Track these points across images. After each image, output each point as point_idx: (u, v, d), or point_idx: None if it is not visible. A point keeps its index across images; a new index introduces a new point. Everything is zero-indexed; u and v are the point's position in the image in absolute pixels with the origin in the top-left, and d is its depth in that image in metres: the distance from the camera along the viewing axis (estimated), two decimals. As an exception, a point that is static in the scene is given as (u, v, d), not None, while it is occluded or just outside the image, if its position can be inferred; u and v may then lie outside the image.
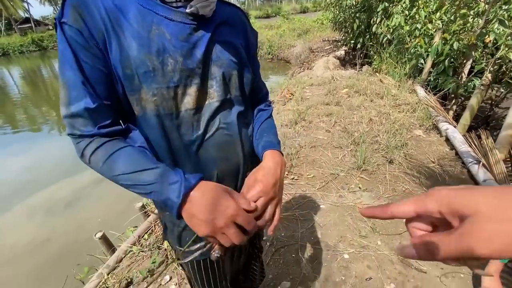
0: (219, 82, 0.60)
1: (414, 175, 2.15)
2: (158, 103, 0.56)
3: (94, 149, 0.54)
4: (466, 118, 2.64)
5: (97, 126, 0.54)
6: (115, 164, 0.53)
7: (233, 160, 0.65)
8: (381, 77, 4.23)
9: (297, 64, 7.20)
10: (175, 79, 0.55)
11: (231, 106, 0.64)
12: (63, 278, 1.96)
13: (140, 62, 0.52)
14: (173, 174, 0.51)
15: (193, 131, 0.59)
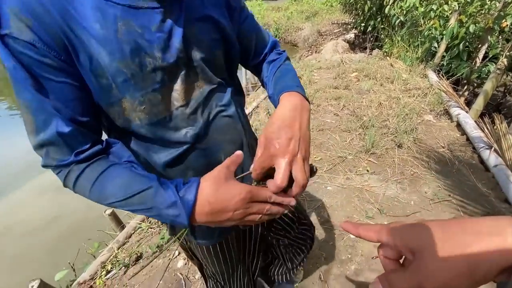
0: (205, 67, 0.54)
1: (423, 160, 2.13)
2: (148, 111, 0.50)
3: (75, 179, 0.47)
4: (479, 104, 2.58)
5: (74, 152, 0.46)
6: (103, 192, 0.46)
7: (237, 140, 0.63)
8: (392, 61, 4.12)
9: (304, 48, 7.04)
10: (158, 79, 0.49)
11: (222, 86, 0.60)
12: (75, 252, 2.02)
13: (115, 70, 0.45)
14: (166, 195, 0.44)
15: (192, 125, 0.55)
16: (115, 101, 0.49)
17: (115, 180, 0.46)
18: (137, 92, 0.48)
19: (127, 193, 0.45)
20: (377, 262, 1.42)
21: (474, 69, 3.27)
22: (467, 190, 1.80)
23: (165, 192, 0.44)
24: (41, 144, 0.46)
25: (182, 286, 1.50)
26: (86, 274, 1.76)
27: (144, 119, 0.52)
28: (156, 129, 0.53)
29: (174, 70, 0.51)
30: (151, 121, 0.52)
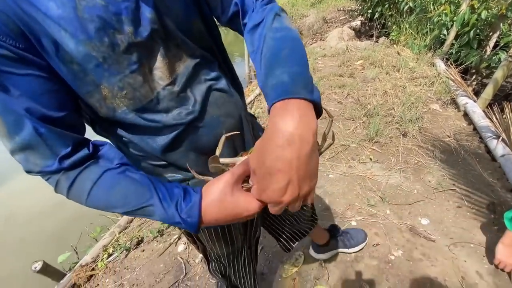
0: (185, 38, 0.48)
1: (428, 149, 2.09)
2: (130, 96, 0.45)
3: (67, 189, 0.44)
4: (488, 93, 2.50)
5: (58, 157, 0.42)
6: (101, 202, 0.44)
7: (234, 114, 0.60)
8: (399, 49, 4.00)
9: (309, 35, 6.87)
10: (134, 59, 0.43)
11: (208, 60, 0.54)
12: (77, 236, 2.05)
13: (84, 55, 0.40)
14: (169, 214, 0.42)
15: (184, 104, 0.51)
16: (93, 89, 0.43)
17: (112, 191, 0.43)
18: (113, 77, 0.43)
19: (127, 207, 0.43)
20: (378, 249, 1.41)
21: (484, 57, 3.17)
22: (472, 180, 1.77)
23: (167, 211, 0.42)
24: (17, 149, 0.40)
25: (182, 269, 1.51)
26: (88, 256, 1.78)
27: (129, 105, 0.47)
28: (145, 114, 0.49)
29: (150, 46, 0.45)
30: (136, 106, 0.47)
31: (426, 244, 1.41)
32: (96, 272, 1.70)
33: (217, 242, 0.75)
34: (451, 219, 1.54)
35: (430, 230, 1.48)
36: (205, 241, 0.76)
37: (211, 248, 0.79)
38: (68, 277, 1.69)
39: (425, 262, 1.33)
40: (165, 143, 0.53)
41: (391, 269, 1.32)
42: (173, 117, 0.51)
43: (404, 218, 1.57)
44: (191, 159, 0.57)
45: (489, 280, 1.24)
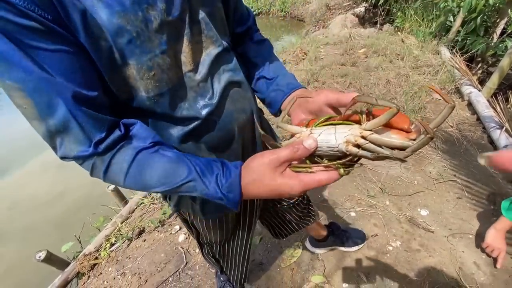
0: (208, 24, 0.48)
1: (430, 139, 2.06)
2: (158, 77, 0.44)
3: (104, 173, 0.43)
4: (493, 82, 2.45)
5: (93, 142, 0.40)
6: (140, 183, 0.44)
7: (247, 109, 0.59)
8: (403, 37, 3.91)
9: (312, 23, 6.72)
10: (165, 38, 0.42)
11: (227, 51, 0.54)
12: (80, 226, 2.08)
13: (117, 28, 0.37)
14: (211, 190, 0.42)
15: (202, 94, 0.50)
16: (118, 69, 0.41)
17: (148, 171, 0.43)
18: (144, 55, 0.41)
19: (167, 186, 0.43)
20: (376, 239, 1.42)
21: (490, 45, 3.09)
22: (474, 171, 1.75)
23: (208, 186, 0.42)
24: (52, 132, 0.38)
25: (183, 259, 1.54)
26: (91, 246, 1.82)
27: (153, 89, 0.45)
28: (165, 100, 0.47)
29: (179, 27, 0.44)
30: (161, 90, 0.45)
31: (425, 235, 1.41)
32: (99, 261, 1.73)
33: (212, 230, 0.77)
34: (451, 210, 1.53)
35: (429, 221, 1.48)
36: (200, 228, 0.77)
37: (204, 235, 0.81)
38: (72, 266, 1.72)
39: (423, 253, 1.33)
40: (179, 134, 0.52)
41: (389, 259, 1.33)
42: (192, 108, 0.50)
43: (404, 209, 1.57)
44: (202, 150, 0.56)
45: (486, 270, 1.24)
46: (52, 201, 2.80)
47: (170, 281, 1.45)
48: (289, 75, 0.61)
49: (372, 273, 1.28)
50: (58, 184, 3.02)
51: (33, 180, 3.15)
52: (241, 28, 0.64)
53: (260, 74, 0.63)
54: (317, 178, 0.39)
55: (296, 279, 1.30)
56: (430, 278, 1.23)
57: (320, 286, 1.25)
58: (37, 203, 2.82)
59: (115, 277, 1.57)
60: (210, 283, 1.39)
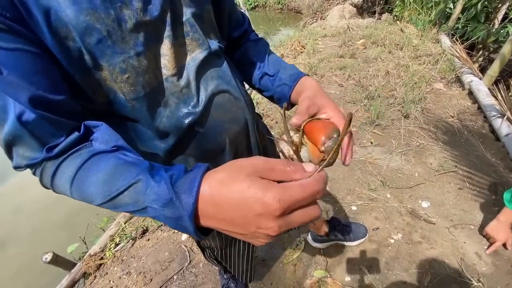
0: (194, 26, 0.45)
1: (431, 130, 2.05)
2: (133, 81, 0.41)
3: (51, 177, 0.38)
4: (495, 69, 2.42)
5: (46, 147, 0.36)
6: (84, 191, 0.36)
7: (240, 119, 0.55)
8: (402, 26, 3.85)
9: (309, 14, 6.63)
10: (141, 39, 0.39)
11: (217, 55, 0.51)
12: (84, 226, 2.10)
13: (85, 27, 0.34)
14: (159, 188, 0.31)
15: (185, 102, 0.46)
16: (91, 71, 0.38)
17: (97, 175, 0.35)
18: (116, 56, 0.38)
19: (112, 191, 0.33)
20: (377, 233, 1.42)
21: (491, 31, 3.04)
22: (475, 161, 1.74)
23: (158, 185, 0.31)
24: (7, 139, 0.35)
25: (187, 257, 1.56)
26: (96, 246, 1.84)
27: (129, 93, 0.42)
28: (142, 105, 0.44)
29: (159, 28, 0.41)
30: (137, 95, 0.42)
31: (426, 227, 1.42)
32: (104, 261, 1.76)
33: (210, 238, 0.76)
34: (452, 201, 1.53)
35: (430, 213, 1.48)
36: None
37: (204, 241, 0.80)
38: (78, 266, 1.75)
39: (425, 245, 1.34)
40: (165, 147, 0.49)
41: (390, 252, 1.33)
42: (172, 115, 0.46)
43: (405, 201, 1.57)
44: (190, 164, 0.53)
45: (488, 260, 1.25)
46: (54, 204, 2.83)
47: (174, 279, 1.47)
48: (289, 67, 0.60)
49: (374, 266, 1.29)
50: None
51: (34, 184, 3.16)
52: (237, 32, 0.63)
53: (262, 71, 0.61)
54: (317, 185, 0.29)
55: (299, 275, 1.31)
56: (432, 269, 1.24)
57: (322, 281, 1.26)
58: (40, 206, 2.85)
59: (120, 276, 1.60)
60: (214, 280, 1.40)
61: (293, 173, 0.29)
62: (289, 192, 0.26)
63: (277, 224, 0.27)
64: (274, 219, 0.26)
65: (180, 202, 0.29)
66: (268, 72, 0.60)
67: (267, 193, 0.26)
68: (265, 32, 6.17)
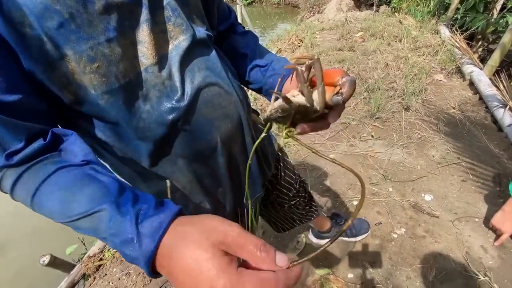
0: (176, 10, 0.40)
1: (432, 122, 2.02)
2: (104, 71, 0.36)
3: (12, 185, 0.35)
4: (495, 59, 2.38)
5: (5, 153, 0.33)
6: (46, 208, 0.34)
7: (233, 115, 0.50)
8: (401, 17, 3.80)
9: (306, 8, 6.56)
10: (114, 24, 0.35)
11: (205, 43, 0.45)
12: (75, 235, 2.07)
13: (43, 8, 0.30)
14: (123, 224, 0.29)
15: (168, 95, 0.42)
16: (56, 63, 0.34)
17: (60, 192, 0.32)
18: (82, 43, 0.33)
19: (72, 214, 0.31)
20: (380, 228, 1.40)
21: (490, 21, 2.99)
22: (478, 152, 1.71)
23: (123, 220, 0.29)
24: None
25: (186, 257, 1.53)
26: (95, 247, 1.82)
27: (101, 85, 0.37)
28: (117, 99, 0.38)
29: (135, 11, 0.36)
30: (109, 87, 0.37)
31: (430, 221, 1.39)
32: (103, 262, 1.73)
33: None
34: (456, 194, 1.51)
35: (433, 206, 1.46)
36: None
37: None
38: (77, 268, 1.73)
39: (429, 239, 1.31)
40: (148, 149, 0.44)
41: (394, 247, 1.31)
42: (153, 110, 0.41)
43: (407, 195, 1.54)
44: (179, 166, 0.48)
45: (494, 253, 1.22)
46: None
47: (174, 280, 1.44)
48: (282, 59, 0.57)
49: (378, 262, 1.26)
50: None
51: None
52: (223, 25, 0.60)
53: (253, 63, 0.58)
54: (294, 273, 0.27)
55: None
56: (437, 264, 1.21)
57: (325, 278, 1.23)
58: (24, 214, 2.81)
59: (120, 277, 1.57)
60: (214, 279, 1.38)
61: (261, 261, 0.26)
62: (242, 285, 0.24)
63: None
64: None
65: (140, 245, 0.27)
66: (259, 63, 0.58)
67: (220, 278, 0.24)
68: (262, 27, 6.11)
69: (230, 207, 0.60)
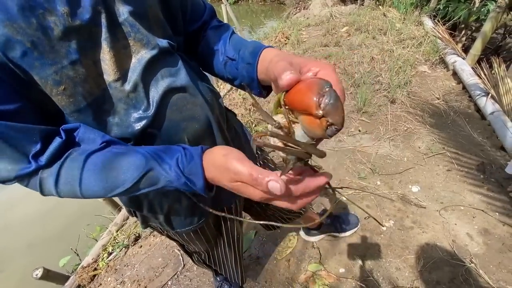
0: (135, 25, 0.41)
1: (417, 114, 2.05)
2: (70, 92, 0.38)
3: (55, 184, 0.39)
4: (477, 48, 2.42)
5: (30, 155, 0.37)
6: (97, 187, 0.40)
7: (199, 116, 0.52)
8: (385, 10, 3.83)
9: (292, 5, 6.55)
10: (74, 46, 0.36)
11: (167, 51, 0.46)
12: (76, 237, 2.05)
13: (5, 41, 0.32)
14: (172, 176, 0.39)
15: (135, 106, 0.44)
16: (29, 84, 0.36)
17: (104, 172, 0.39)
18: (47, 68, 0.36)
19: (127, 183, 0.39)
20: (369, 221, 1.42)
21: (472, 10, 3.04)
22: (462, 141, 1.75)
23: (169, 172, 0.39)
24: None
25: (180, 261, 1.53)
26: (89, 257, 1.80)
27: (69, 105, 0.39)
28: (86, 117, 0.41)
29: (94, 32, 0.38)
30: (78, 106, 0.40)
31: (417, 212, 1.42)
32: (98, 271, 1.72)
33: (191, 242, 0.74)
34: (441, 184, 1.54)
35: (420, 197, 1.48)
36: (179, 240, 0.74)
37: (187, 245, 0.78)
38: (72, 280, 1.71)
39: (416, 230, 1.34)
40: None
41: (383, 240, 1.33)
42: (122, 122, 0.44)
43: (395, 187, 1.57)
44: None
45: (480, 240, 1.25)
46: (44, 218, 2.76)
47: (169, 285, 1.44)
48: (250, 44, 0.52)
49: (368, 255, 1.28)
50: (47, 201, 2.96)
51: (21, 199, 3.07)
52: (194, 25, 0.58)
53: (225, 57, 0.55)
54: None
55: (293, 270, 1.30)
56: (425, 254, 1.24)
57: (317, 274, 1.25)
58: (30, 221, 2.78)
59: (115, 286, 1.57)
60: (208, 283, 1.38)
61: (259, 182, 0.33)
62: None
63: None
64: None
65: (193, 184, 0.39)
66: (229, 56, 0.54)
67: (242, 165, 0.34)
68: (249, 26, 6.09)
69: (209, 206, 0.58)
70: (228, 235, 0.81)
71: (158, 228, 0.69)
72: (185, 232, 0.68)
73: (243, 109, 2.56)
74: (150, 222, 0.65)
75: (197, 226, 0.67)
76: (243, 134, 0.73)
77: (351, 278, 1.22)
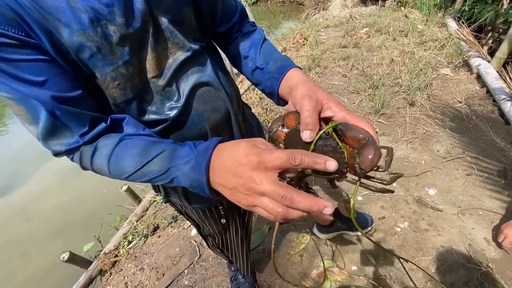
0: (173, 31, 0.49)
1: (437, 117, 2.02)
2: (123, 86, 0.48)
3: (90, 157, 0.46)
4: (503, 51, 2.34)
5: (79, 134, 0.45)
6: (120, 166, 0.44)
7: (221, 108, 0.60)
8: (407, 11, 3.76)
9: (311, 6, 6.53)
10: (127, 49, 0.45)
11: (199, 54, 0.55)
12: (99, 226, 2.17)
13: (78, 46, 0.41)
14: (183, 151, 0.41)
15: (169, 97, 0.53)
16: (88, 78, 0.45)
17: (131, 150, 0.44)
18: (107, 68, 0.45)
19: (142, 160, 0.42)
20: (384, 222, 1.42)
21: (500, 12, 2.93)
22: (484, 146, 1.71)
23: (182, 148, 0.41)
24: (42, 135, 0.43)
25: (196, 252, 1.60)
26: (110, 244, 1.91)
27: (120, 96, 0.49)
28: (132, 105, 0.51)
29: (142, 37, 0.46)
30: (127, 97, 0.49)
31: (433, 214, 1.41)
32: (119, 258, 1.82)
33: (206, 221, 0.80)
34: (460, 188, 1.51)
35: (437, 200, 1.47)
36: (196, 219, 0.81)
37: (202, 226, 0.85)
38: (94, 264, 1.82)
39: (432, 232, 1.33)
40: None
41: (397, 240, 1.33)
42: (158, 110, 0.53)
43: (411, 189, 1.56)
44: None
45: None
46: (71, 207, 2.93)
47: (185, 273, 1.51)
48: (280, 58, 0.57)
49: (381, 255, 1.29)
50: (71, 191, 3.14)
51: (49, 189, 3.26)
52: (224, 27, 0.63)
53: (254, 65, 0.60)
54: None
55: (305, 265, 1.33)
56: (440, 256, 1.24)
57: (329, 271, 1.27)
58: (54, 211, 2.95)
59: (134, 272, 1.66)
60: (223, 273, 1.44)
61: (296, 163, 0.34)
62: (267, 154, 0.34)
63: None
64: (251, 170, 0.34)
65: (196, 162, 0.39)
66: (258, 65, 0.59)
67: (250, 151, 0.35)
68: (267, 26, 6.14)
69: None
70: (240, 216, 0.88)
71: (178, 204, 0.76)
72: (201, 209, 0.75)
73: (260, 108, 2.61)
74: (171, 196, 0.72)
75: (212, 203, 0.74)
76: (256, 125, 0.82)
77: (363, 276, 1.24)
